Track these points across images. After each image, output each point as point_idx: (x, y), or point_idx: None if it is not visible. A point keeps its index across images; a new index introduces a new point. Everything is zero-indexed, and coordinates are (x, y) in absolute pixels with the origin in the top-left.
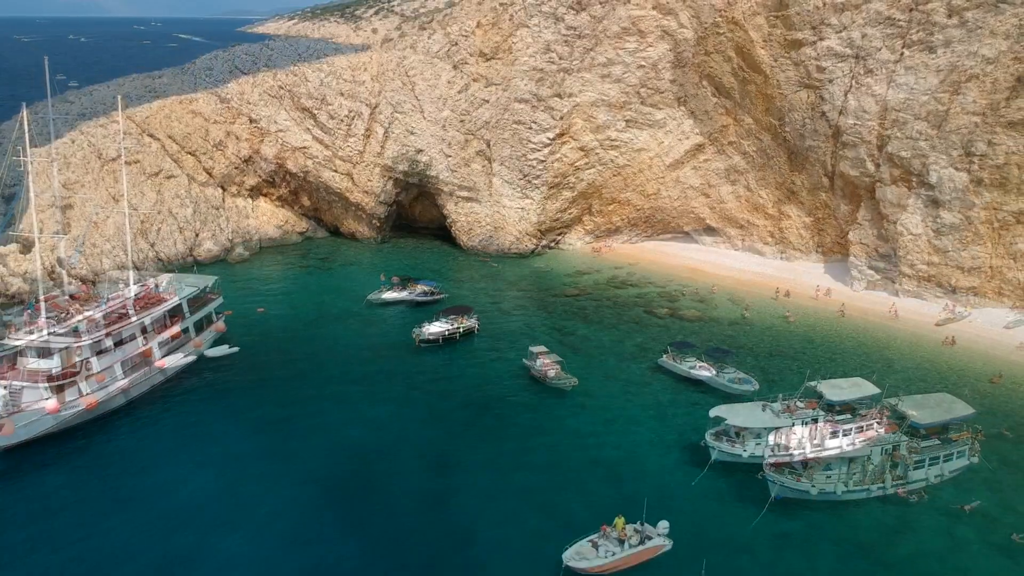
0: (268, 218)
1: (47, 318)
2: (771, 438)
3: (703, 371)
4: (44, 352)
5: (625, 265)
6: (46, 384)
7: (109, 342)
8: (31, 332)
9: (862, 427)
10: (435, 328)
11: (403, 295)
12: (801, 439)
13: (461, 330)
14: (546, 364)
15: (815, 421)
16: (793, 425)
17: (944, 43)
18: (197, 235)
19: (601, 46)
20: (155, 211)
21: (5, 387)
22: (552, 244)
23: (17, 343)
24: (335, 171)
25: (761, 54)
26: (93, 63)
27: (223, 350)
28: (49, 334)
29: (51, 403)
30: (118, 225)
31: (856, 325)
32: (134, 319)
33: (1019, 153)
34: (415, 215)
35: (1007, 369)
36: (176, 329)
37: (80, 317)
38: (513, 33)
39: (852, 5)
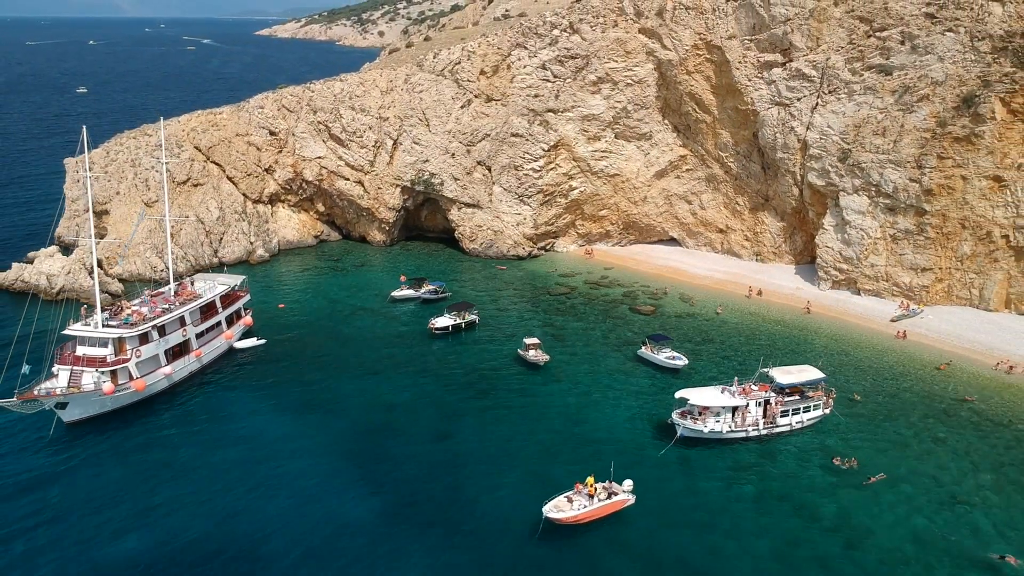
0: (285, 222)
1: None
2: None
3: (676, 360)
4: (99, 341)
5: (613, 267)
6: (102, 369)
7: (154, 332)
8: (88, 324)
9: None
10: (443, 321)
11: (414, 293)
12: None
13: (464, 324)
14: (537, 355)
15: (767, 402)
16: (747, 405)
17: (899, 66)
18: (221, 238)
19: (592, 65)
20: (218, 222)
21: (67, 370)
22: (547, 248)
23: (75, 333)
24: (348, 179)
25: (737, 74)
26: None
27: (251, 342)
28: (104, 325)
29: (107, 386)
30: (188, 234)
31: (819, 320)
32: (174, 313)
33: (963, 166)
34: (422, 221)
35: (955, 360)
36: (210, 322)
37: (129, 311)
38: (511, 53)
39: (818, 31)
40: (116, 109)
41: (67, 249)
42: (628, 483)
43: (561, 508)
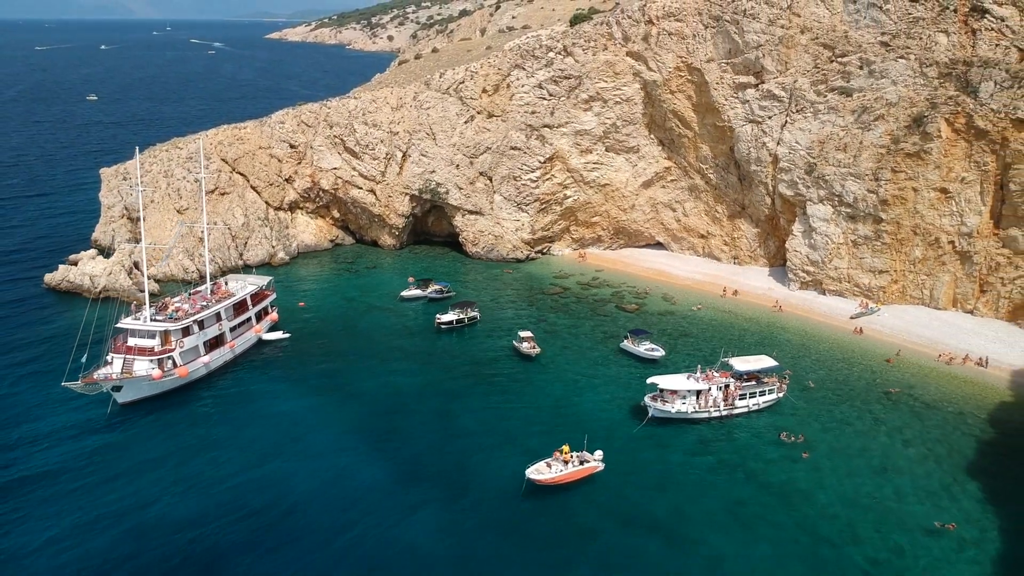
0: (304, 228)
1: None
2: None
3: (654, 352)
4: (148, 333)
5: (603, 269)
6: (151, 357)
7: (195, 326)
8: (137, 318)
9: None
10: (448, 317)
11: (422, 292)
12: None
13: (466, 320)
14: (531, 348)
15: (727, 386)
16: (710, 389)
17: (858, 89)
18: (246, 242)
19: (584, 85)
20: (243, 228)
21: (120, 359)
22: (543, 251)
23: (127, 326)
24: (361, 188)
25: (715, 94)
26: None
27: (277, 335)
28: (152, 320)
29: (156, 372)
30: (216, 239)
31: (787, 317)
32: (212, 309)
33: (914, 179)
34: (429, 226)
35: (904, 352)
36: (242, 318)
37: (173, 307)
38: (510, 73)
39: (786, 56)
40: (137, 119)
41: (103, 252)
42: (599, 453)
43: (541, 471)
